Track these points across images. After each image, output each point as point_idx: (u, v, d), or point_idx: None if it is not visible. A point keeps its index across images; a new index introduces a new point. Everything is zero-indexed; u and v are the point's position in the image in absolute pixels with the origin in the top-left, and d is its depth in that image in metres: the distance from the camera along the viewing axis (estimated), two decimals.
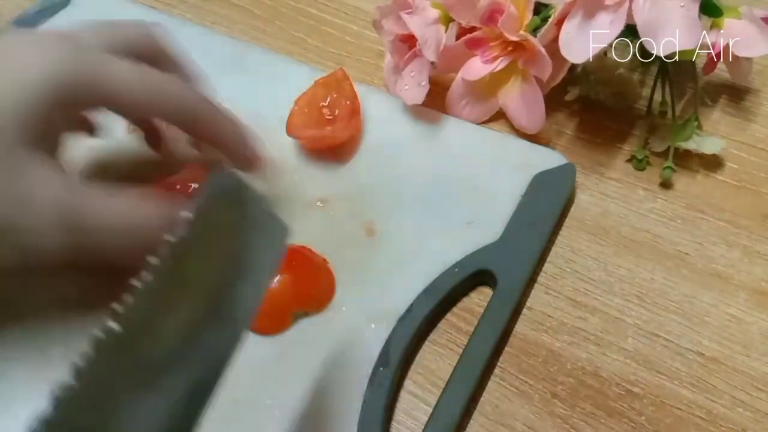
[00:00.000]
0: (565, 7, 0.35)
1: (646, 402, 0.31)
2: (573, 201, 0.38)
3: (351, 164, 0.39)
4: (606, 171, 0.39)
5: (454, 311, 0.34)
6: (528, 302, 0.34)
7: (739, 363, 0.32)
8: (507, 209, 0.36)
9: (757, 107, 0.41)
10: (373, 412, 0.30)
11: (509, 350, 0.33)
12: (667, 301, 0.34)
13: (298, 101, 0.40)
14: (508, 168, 0.38)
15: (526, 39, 0.37)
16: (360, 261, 0.35)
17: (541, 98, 0.38)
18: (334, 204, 0.37)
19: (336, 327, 0.33)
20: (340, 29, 0.49)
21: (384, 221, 0.36)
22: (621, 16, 0.33)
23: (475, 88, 0.40)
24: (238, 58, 0.45)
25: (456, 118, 0.41)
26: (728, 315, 0.33)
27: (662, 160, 0.38)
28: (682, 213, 0.37)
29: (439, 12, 0.39)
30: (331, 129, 0.39)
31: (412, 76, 0.40)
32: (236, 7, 0.51)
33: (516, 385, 0.32)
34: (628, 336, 0.33)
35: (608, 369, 0.32)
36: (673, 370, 0.32)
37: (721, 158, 0.39)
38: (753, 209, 0.37)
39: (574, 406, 0.31)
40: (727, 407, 0.30)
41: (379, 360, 0.31)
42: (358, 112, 0.40)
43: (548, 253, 0.36)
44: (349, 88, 0.40)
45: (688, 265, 0.35)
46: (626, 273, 0.35)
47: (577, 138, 0.41)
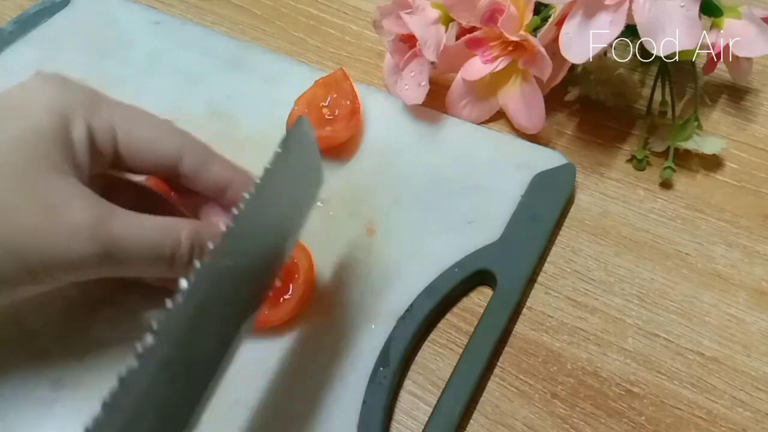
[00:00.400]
0: (565, 7, 0.35)
1: (646, 402, 0.31)
2: (573, 201, 0.38)
3: (351, 164, 0.39)
4: (606, 171, 0.39)
5: (454, 311, 0.34)
6: (528, 302, 0.34)
7: (739, 363, 0.32)
8: (507, 209, 0.36)
9: (757, 107, 0.41)
10: (373, 412, 0.30)
11: (509, 350, 0.33)
12: (667, 301, 0.34)
13: (298, 101, 0.40)
14: (508, 168, 0.38)
15: (526, 39, 0.37)
16: (360, 261, 0.35)
17: (541, 98, 0.38)
18: (334, 204, 0.37)
19: (336, 327, 0.33)
20: (340, 29, 0.49)
21: (384, 221, 0.36)
22: (621, 16, 0.33)
23: (475, 88, 0.40)
24: (238, 58, 0.45)
25: (456, 118, 0.41)
26: (728, 315, 0.33)
27: (662, 160, 0.38)
28: (682, 213, 0.37)
29: (439, 12, 0.39)
30: (331, 129, 0.39)
31: (412, 76, 0.40)
32: (236, 7, 0.51)
33: (516, 385, 0.32)
34: (628, 336, 0.33)
35: (608, 369, 0.32)
36: (673, 370, 0.32)
37: (721, 158, 0.39)
38: (753, 209, 0.37)
39: (574, 406, 0.31)
40: (727, 407, 0.30)
41: (379, 360, 0.31)
42: (358, 112, 0.40)
43: (548, 253, 0.36)
44: (349, 88, 0.40)
45: (688, 265, 0.35)
46: (626, 273, 0.35)
47: (577, 138, 0.41)
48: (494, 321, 0.32)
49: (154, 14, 0.48)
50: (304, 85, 0.41)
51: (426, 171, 0.38)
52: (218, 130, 0.40)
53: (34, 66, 0.45)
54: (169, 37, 0.47)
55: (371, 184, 0.38)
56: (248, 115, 0.42)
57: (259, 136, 0.40)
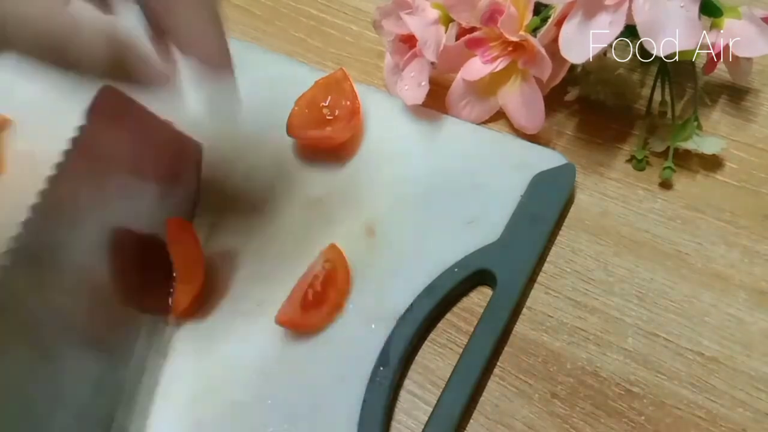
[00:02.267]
0: (565, 7, 0.35)
1: (646, 402, 0.31)
2: (573, 201, 0.38)
3: (351, 164, 0.39)
4: (606, 171, 0.39)
5: (454, 311, 0.34)
6: (528, 302, 0.34)
7: (739, 363, 0.32)
8: (507, 209, 0.36)
9: (757, 107, 0.41)
10: (373, 412, 0.30)
11: (509, 350, 0.33)
12: (667, 301, 0.34)
13: (298, 101, 0.40)
14: (508, 168, 0.38)
15: (526, 39, 0.37)
16: (360, 261, 0.35)
17: (540, 98, 0.38)
18: (334, 204, 0.37)
19: (336, 326, 0.33)
20: (340, 29, 0.49)
21: (384, 221, 0.36)
22: (621, 16, 0.33)
23: (475, 88, 0.40)
24: (238, 58, 0.45)
25: (456, 118, 0.41)
26: (728, 315, 0.33)
27: (662, 160, 0.38)
28: (682, 213, 0.37)
29: (439, 12, 0.39)
30: (331, 129, 0.39)
31: (412, 76, 0.40)
32: (236, 7, 0.51)
33: (516, 385, 0.32)
34: (628, 336, 0.33)
35: (608, 369, 0.32)
36: (673, 370, 0.32)
37: (721, 158, 0.39)
38: (753, 209, 0.37)
39: (574, 406, 0.31)
40: (727, 407, 0.30)
41: (379, 360, 0.31)
42: (358, 112, 0.40)
43: (548, 253, 0.36)
44: (349, 89, 0.40)
45: (688, 265, 0.35)
46: (626, 273, 0.35)
47: (577, 138, 0.41)
48: (494, 321, 0.32)
49: None
50: (304, 85, 0.41)
51: (426, 171, 0.38)
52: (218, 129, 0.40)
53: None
54: None
55: (371, 184, 0.38)
56: (248, 115, 0.42)
57: (259, 137, 0.40)
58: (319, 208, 0.37)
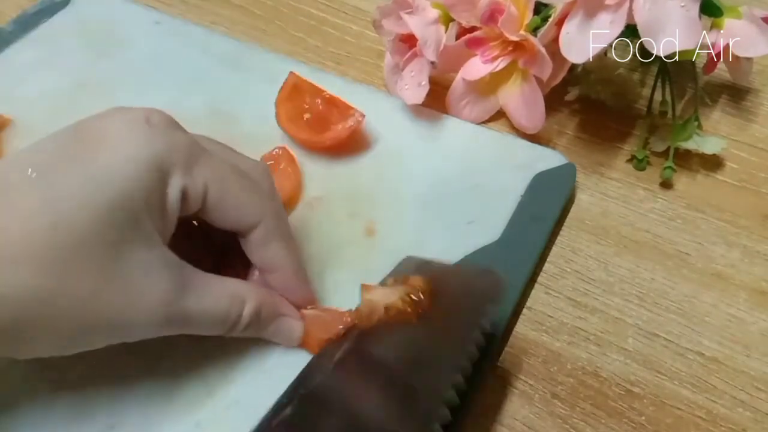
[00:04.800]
0: (565, 7, 0.35)
1: (646, 402, 0.31)
2: (573, 201, 0.38)
3: (351, 164, 0.39)
4: (606, 171, 0.39)
5: None
6: (528, 302, 0.34)
7: (739, 363, 0.32)
8: (507, 209, 0.36)
9: (757, 107, 0.41)
10: None
11: (509, 350, 0.33)
12: (668, 301, 0.34)
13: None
14: (508, 168, 0.38)
15: (526, 39, 0.37)
16: (360, 261, 0.35)
17: (541, 98, 0.38)
18: (334, 203, 0.37)
19: None
20: (340, 29, 0.49)
21: (384, 221, 0.36)
22: (621, 16, 0.33)
23: (475, 88, 0.40)
24: (238, 58, 0.45)
25: (456, 118, 0.41)
26: (728, 315, 0.33)
27: (662, 160, 0.38)
28: (682, 213, 0.37)
29: (439, 12, 0.39)
30: (332, 129, 0.39)
31: (412, 76, 0.40)
32: (236, 7, 0.51)
33: (516, 385, 0.32)
34: (628, 336, 0.33)
35: (608, 369, 0.32)
36: (673, 370, 0.32)
37: (721, 158, 0.39)
38: (753, 209, 0.37)
39: (574, 406, 0.31)
40: (727, 407, 0.30)
41: None
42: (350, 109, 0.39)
43: (548, 253, 0.36)
44: (309, 88, 0.40)
45: (688, 265, 0.35)
46: (626, 273, 0.35)
47: (577, 138, 0.41)
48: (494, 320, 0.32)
49: (154, 14, 0.48)
50: None
51: (426, 171, 0.38)
52: (218, 129, 0.40)
53: (34, 66, 0.45)
54: (169, 37, 0.47)
55: (371, 184, 0.38)
56: (248, 114, 0.42)
57: (258, 136, 0.40)
58: (319, 208, 0.37)
